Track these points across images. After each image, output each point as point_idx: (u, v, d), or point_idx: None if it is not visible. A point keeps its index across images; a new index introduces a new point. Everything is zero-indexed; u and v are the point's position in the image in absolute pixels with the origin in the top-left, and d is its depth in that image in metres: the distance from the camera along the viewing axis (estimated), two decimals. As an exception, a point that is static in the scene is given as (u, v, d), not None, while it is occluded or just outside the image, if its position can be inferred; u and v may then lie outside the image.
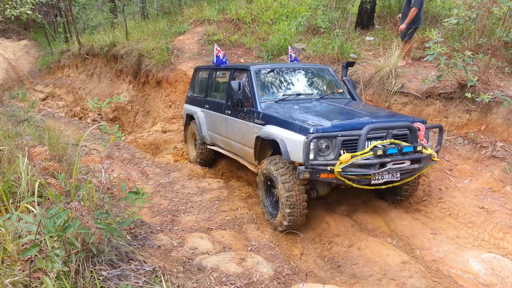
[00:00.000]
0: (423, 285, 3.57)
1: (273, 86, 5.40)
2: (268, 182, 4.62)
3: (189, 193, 5.52)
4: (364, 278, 3.74)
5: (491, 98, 5.44)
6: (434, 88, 6.20)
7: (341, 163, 3.83)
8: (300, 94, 5.28)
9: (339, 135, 3.93)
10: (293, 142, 4.06)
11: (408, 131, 4.22)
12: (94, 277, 2.39)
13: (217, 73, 6.42)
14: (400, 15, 7.65)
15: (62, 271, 2.29)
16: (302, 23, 10.14)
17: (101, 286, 2.43)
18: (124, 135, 9.68)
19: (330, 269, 3.94)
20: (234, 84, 5.01)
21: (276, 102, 4.98)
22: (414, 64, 7.59)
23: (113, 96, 12.04)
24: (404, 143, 4.09)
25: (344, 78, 5.81)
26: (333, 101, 5.21)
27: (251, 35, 10.65)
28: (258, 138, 4.75)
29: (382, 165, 3.96)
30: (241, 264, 3.72)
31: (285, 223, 4.25)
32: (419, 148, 4.10)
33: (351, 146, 3.99)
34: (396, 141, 4.08)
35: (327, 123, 4.04)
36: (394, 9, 10.24)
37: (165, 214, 4.82)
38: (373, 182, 4.00)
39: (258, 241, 4.34)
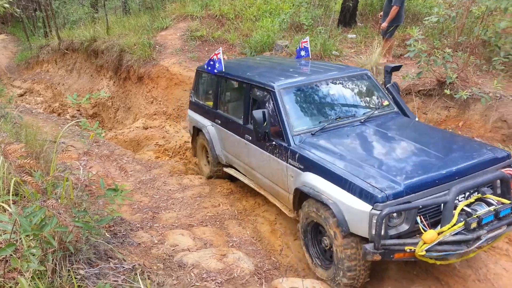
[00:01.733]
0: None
1: (305, 109, 4.26)
2: (316, 228, 3.71)
3: (170, 189, 5.49)
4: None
5: (469, 95, 5.57)
6: (414, 85, 6.31)
7: (424, 244, 2.91)
8: (340, 117, 4.10)
9: (420, 206, 2.98)
10: (353, 211, 3.09)
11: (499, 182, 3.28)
12: (72, 276, 2.36)
13: (228, 82, 5.30)
14: (381, 13, 7.75)
15: (38, 270, 2.25)
16: (285, 20, 10.16)
17: (79, 285, 2.40)
18: (104, 131, 9.55)
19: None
20: (257, 114, 3.84)
21: (313, 134, 3.90)
22: (395, 61, 7.70)
23: (93, 92, 11.85)
24: (496, 201, 3.15)
25: (388, 86, 4.62)
26: (382, 125, 4.09)
27: (235, 32, 10.63)
28: (297, 190, 3.74)
29: (477, 238, 2.99)
30: (222, 260, 3.73)
31: (344, 281, 3.32)
32: None
33: (427, 210, 3.10)
34: (487, 196, 3.16)
35: (397, 185, 3.02)
36: (376, 7, 10.35)
37: (146, 211, 4.79)
38: (451, 258, 3.08)
39: (239, 237, 4.35)
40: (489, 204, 3.11)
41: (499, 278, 3.47)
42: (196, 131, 5.95)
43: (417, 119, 4.55)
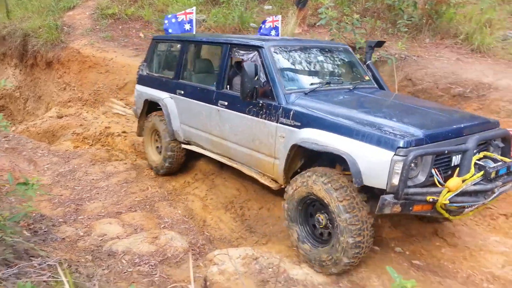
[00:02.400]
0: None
1: (294, 72, 4.00)
2: (308, 206, 3.38)
3: (93, 179, 5.24)
4: (274, 235, 3.95)
5: (377, 58, 5.92)
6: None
7: (448, 192, 2.79)
8: (330, 83, 3.93)
9: (446, 150, 2.84)
10: (370, 160, 2.85)
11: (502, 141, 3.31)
12: (-18, 280, 2.18)
13: (197, 47, 5.04)
14: (293, -18, 7.84)
15: None
16: (201, -7, 9.89)
17: (-7, 288, 2.23)
18: (14, 124, 8.75)
19: (243, 232, 4.08)
20: (249, 67, 3.51)
21: (306, 94, 3.64)
22: (310, 30, 7.91)
23: (-4, 83, 10.71)
24: (499, 159, 3.18)
25: (368, 62, 4.57)
26: (372, 93, 4.04)
27: (149, 7, 10.14)
28: (294, 147, 3.39)
29: (493, 189, 2.99)
30: (155, 242, 3.68)
31: (345, 260, 3.02)
32: None
33: (440, 163, 2.98)
34: (491, 154, 3.20)
35: (417, 133, 2.88)
36: (289, -24, 10.45)
37: (68, 204, 4.53)
38: (466, 211, 3.04)
39: (171, 217, 4.32)
40: (495, 161, 3.13)
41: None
42: (147, 108, 5.39)
43: None
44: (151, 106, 5.33)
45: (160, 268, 3.35)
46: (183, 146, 4.93)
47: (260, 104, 3.69)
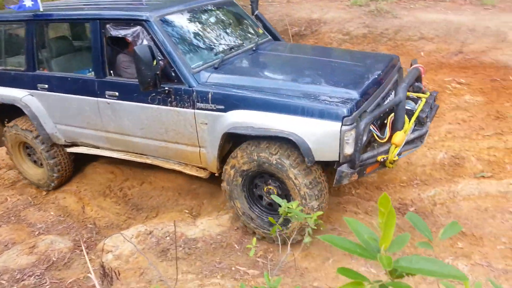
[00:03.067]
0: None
1: (192, 43, 3.42)
2: (254, 182, 3.14)
3: None
4: (162, 205, 3.94)
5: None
6: None
7: (396, 147, 2.78)
8: (233, 48, 3.53)
9: (387, 109, 2.82)
10: (318, 135, 2.68)
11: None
12: None
13: (54, 27, 4.04)
14: None
15: None
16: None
17: None
18: None
19: (130, 212, 3.96)
20: (142, 52, 2.85)
21: (216, 68, 3.18)
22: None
23: None
24: (416, 96, 3.20)
25: (257, 12, 4.20)
26: (275, 50, 3.79)
27: None
28: (225, 136, 3.01)
29: (427, 131, 3.03)
30: (33, 252, 3.35)
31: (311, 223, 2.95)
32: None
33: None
34: (408, 94, 3.15)
35: (353, 94, 2.76)
36: None
37: None
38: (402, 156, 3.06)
39: (44, 222, 3.93)
40: (414, 100, 3.17)
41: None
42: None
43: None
44: (9, 111, 4.14)
45: (48, 275, 3.09)
46: (68, 150, 4.09)
47: (166, 91, 3.11)
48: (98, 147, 3.92)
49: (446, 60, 4.05)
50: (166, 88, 3.11)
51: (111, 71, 3.52)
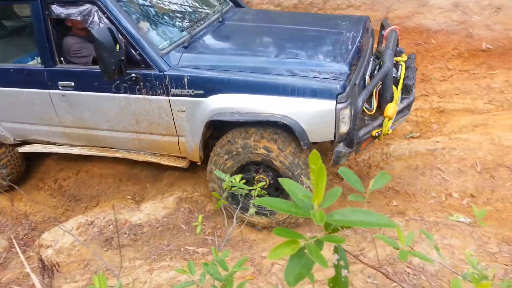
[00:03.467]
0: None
1: (154, 20, 3.09)
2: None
3: None
4: (103, 193, 3.80)
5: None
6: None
7: (389, 120, 2.69)
8: (197, 22, 3.16)
9: (380, 81, 2.69)
10: (312, 116, 2.54)
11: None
12: None
13: None
14: None
15: None
16: None
17: None
18: None
19: (67, 204, 3.78)
20: (102, 35, 2.50)
21: (186, 47, 2.86)
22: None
23: None
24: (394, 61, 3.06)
25: None
26: (242, 19, 3.48)
27: None
28: (210, 124, 2.77)
29: (413, 98, 2.98)
30: (-37, 257, 3.09)
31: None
32: None
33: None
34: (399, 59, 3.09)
35: (341, 68, 2.61)
36: None
37: None
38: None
39: (-30, 225, 3.62)
40: (395, 66, 3.06)
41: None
42: None
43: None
44: None
45: (-17, 280, 2.87)
46: (20, 150, 3.63)
47: (134, 78, 2.78)
48: (54, 144, 3.51)
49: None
50: (133, 74, 2.76)
51: (61, 58, 3.10)
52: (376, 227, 0.85)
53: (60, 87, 3.05)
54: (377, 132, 2.70)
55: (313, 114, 2.53)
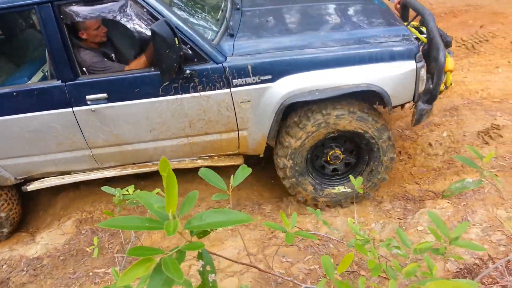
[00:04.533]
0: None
1: (190, 11, 2.86)
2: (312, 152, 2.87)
3: None
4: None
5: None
6: None
7: (451, 72, 2.71)
8: (222, 11, 3.00)
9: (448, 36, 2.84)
10: (394, 78, 2.56)
11: None
12: None
13: None
14: None
15: None
16: None
17: None
18: None
19: None
20: (162, 29, 2.23)
21: (232, 35, 2.69)
22: None
23: None
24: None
25: None
26: (255, 4, 3.29)
27: None
28: (282, 108, 2.61)
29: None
30: None
31: (385, 176, 2.91)
32: None
33: None
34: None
35: (403, 29, 2.69)
36: None
37: None
38: None
39: None
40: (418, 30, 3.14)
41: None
42: None
43: None
44: None
45: None
46: (28, 188, 3.05)
47: (189, 75, 2.54)
48: (69, 172, 3.05)
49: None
50: (188, 71, 2.52)
51: (83, 69, 2.69)
52: (232, 225, 0.82)
53: (88, 102, 2.63)
54: (444, 86, 2.75)
55: (395, 77, 2.56)
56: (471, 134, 3.32)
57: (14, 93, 2.64)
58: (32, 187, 3.05)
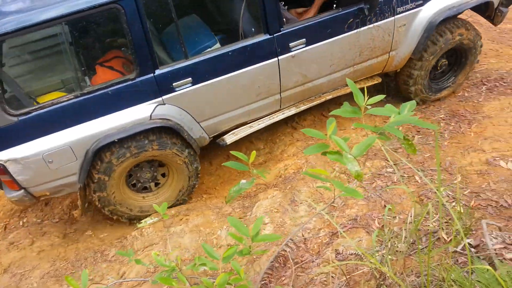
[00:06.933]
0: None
1: None
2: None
3: None
4: None
5: None
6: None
7: None
8: None
9: None
10: None
11: None
12: None
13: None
14: None
15: None
16: None
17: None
18: None
19: None
20: None
21: None
22: None
23: None
24: None
25: None
26: None
27: None
28: (430, 25, 3.27)
29: None
30: None
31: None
32: None
33: None
34: None
35: None
36: None
37: None
38: None
39: None
40: None
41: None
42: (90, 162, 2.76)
43: None
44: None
45: None
46: (228, 141, 3.23)
47: (364, 9, 3.04)
48: (246, 123, 3.30)
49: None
50: (363, 6, 3.05)
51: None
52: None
53: (291, 49, 2.98)
54: None
55: None
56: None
57: (230, 53, 2.82)
58: (230, 139, 3.23)
